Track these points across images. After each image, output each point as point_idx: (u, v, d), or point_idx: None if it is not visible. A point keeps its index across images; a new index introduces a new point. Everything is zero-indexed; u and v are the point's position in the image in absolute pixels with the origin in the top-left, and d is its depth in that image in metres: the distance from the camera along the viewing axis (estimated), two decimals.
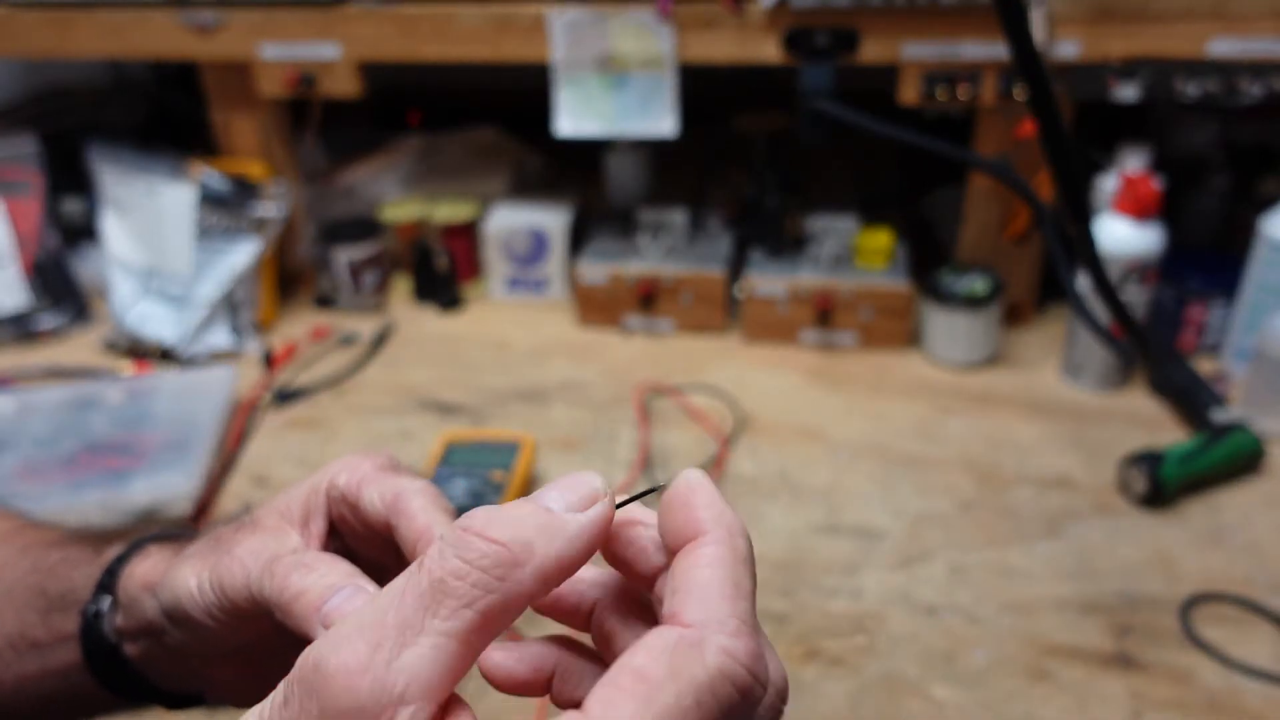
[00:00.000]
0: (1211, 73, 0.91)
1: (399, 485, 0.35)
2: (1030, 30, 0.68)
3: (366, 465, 0.37)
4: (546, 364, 1.10)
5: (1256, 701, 0.66)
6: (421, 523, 0.33)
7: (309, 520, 0.37)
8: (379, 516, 0.35)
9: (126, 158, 1.16)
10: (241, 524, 0.38)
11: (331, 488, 0.37)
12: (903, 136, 0.96)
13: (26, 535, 0.48)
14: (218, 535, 0.38)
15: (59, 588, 0.43)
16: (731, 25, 0.98)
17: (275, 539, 0.36)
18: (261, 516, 0.38)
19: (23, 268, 1.20)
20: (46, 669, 0.43)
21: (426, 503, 0.34)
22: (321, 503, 0.38)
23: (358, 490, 0.36)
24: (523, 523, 0.25)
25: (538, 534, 0.25)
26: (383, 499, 0.35)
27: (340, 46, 1.07)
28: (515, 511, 0.26)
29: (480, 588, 0.24)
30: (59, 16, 1.12)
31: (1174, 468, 0.82)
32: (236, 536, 0.37)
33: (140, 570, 0.40)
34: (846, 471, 0.90)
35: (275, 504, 0.38)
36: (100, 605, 0.40)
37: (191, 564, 0.37)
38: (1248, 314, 0.97)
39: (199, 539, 0.40)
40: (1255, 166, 1.11)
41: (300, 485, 0.39)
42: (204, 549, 0.38)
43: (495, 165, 1.33)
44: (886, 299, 1.06)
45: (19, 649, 0.43)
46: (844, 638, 0.72)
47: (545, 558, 0.25)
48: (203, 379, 1.03)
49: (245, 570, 0.34)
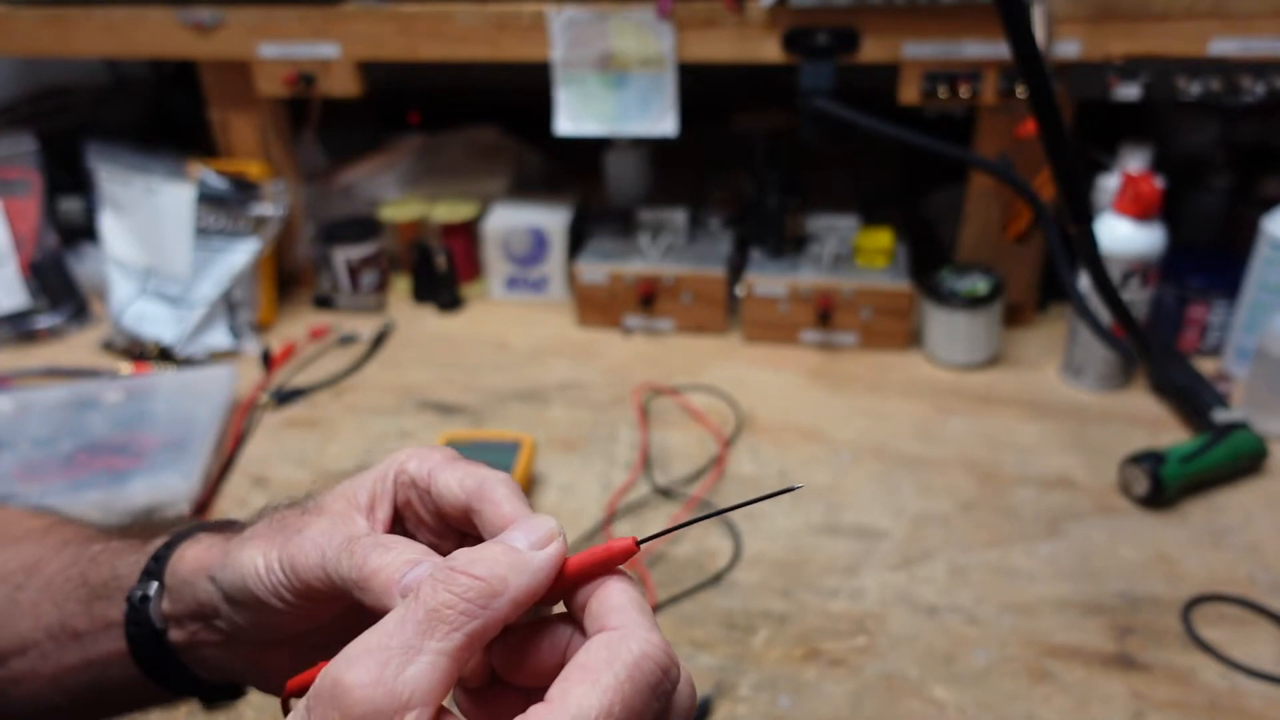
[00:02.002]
0: (1212, 72, 0.90)
1: (482, 474, 0.37)
2: (1031, 29, 0.68)
3: (437, 455, 0.39)
4: (546, 364, 1.09)
5: (1258, 702, 0.66)
6: (507, 510, 0.36)
7: (375, 506, 0.39)
8: (457, 501, 0.37)
9: (125, 157, 1.15)
10: (305, 509, 0.39)
11: (401, 473, 0.39)
12: (903, 136, 0.96)
13: (64, 531, 0.48)
14: (281, 518, 0.39)
15: (101, 576, 0.43)
16: (731, 24, 0.98)
17: (344, 522, 0.38)
18: (327, 502, 0.39)
19: (21, 267, 1.20)
20: (87, 659, 0.43)
21: (509, 492, 0.37)
22: (389, 489, 0.39)
23: (430, 477, 0.38)
24: (498, 561, 0.31)
25: (509, 570, 0.31)
26: (463, 485, 0.37)
27: (339, 46, 1.07)
28: (490, 552, 0.32)
29: (466, 615, 0.30)
30: (58, 15, 1.12)
31: (1175, 468, 0.82)
32: (304, 520, 0.38)
33: (191, 554, 0.41)
34: (847, 472, 0.90)
35: (340, 490, 0.40)
36: (146, 589, 0.41)
37: (256, 545, 0.38)
38: (1249, 314, 0.97)
39: (256, 522, 0.40)
40: (1256, 166, 1.11)
41: (367, 473, 0.40)
42: (267, 531, 0.39)
43: (495, 165, 1.32)
44: (887, 299, 1.05)
45: (59, 640, 0.43)
46: (844, 638, 0.72)
47: (517, 589, 0.31)
48: (201, 379, 1.03)
49: (320, 550, 0.36)
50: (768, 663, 0.70)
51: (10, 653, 0.44)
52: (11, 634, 0.44)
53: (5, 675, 0.44)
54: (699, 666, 0.70)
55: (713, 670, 0.70)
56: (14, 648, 0.44)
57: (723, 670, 0.70)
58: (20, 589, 0.45)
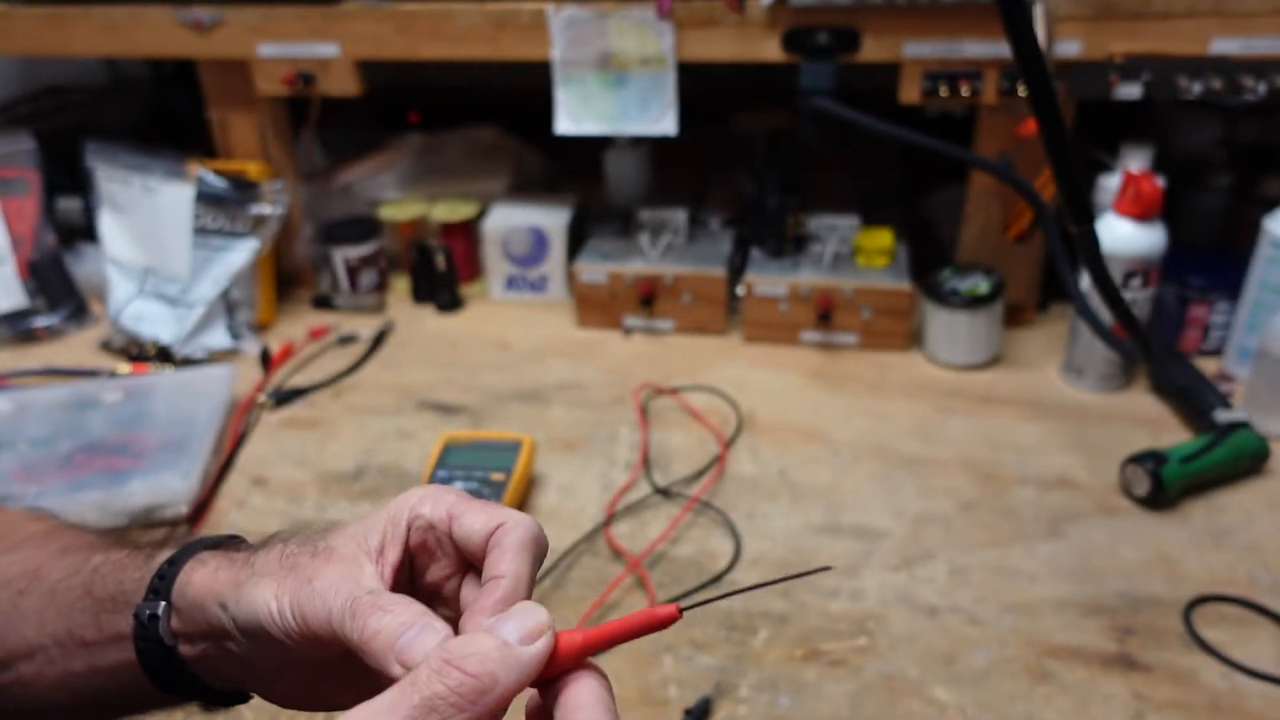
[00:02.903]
0: (1213, 71, 0.90)
1: (501, 516, 0.39)
2: (1032, 28, 0.67)
3: (451, 496, 0.40)
4: (546, 364, 1.09)
5: (1259, 703, 0.66)
6: (505, 562, 0.37)
7: (385, 549, 0.40)
8: (481, 545, 0.39)
9: (124, 157, 1.15)
10: (316, 550, 0.40)
11: (416, 518, 0.40)
12: (903, 135, 0.96)
13: (63, 537, 0.48)
14: (292, 558, 0.40)
15: (107, 589, 0.44)
16: (732, 23, 0.98)
17: (352, 569, 0.38)
18: (338, 546, 0.40)
19: (19, 267, 1.20)
20: (95, 667, 0.44)
21: (520, 541, 0.38)
22: (401, 534, 0.40)
23: (450, 520, 0.40)
24: (488, 657, 0.33)
25: (499, 667, 0.33)
26: (486, 527, 0.39)
27: (338, 45, 1.07)
28: (483, 646, 0.33)
29: (456, 708, 0.32)
30: (56, 14, 1.12)
31: (1176, 468, 0.82)
32: (314, 565, 0.39)
33: (198, 577, 0.41)
34: (847, 472, 0.90)
35: (350, 531, 0.40)
36: (155, 609, 0.42)
37: (269, 586, 0.38)
38: (1251, 313, 0.97)
39: (266, 552, 0.41)
40: (1257, 165, 1.11)
41: (377, 515, 0.41)
42: (279, 571, 0.39)
43: (495, 165, 1.32)
44: (887, 299, 1.05)
45: (66, 647, 0.44)
46: (845, 639, 0.72)
47: (505, 686, 0.33)
48: (200, 379, 1.03)
49: (327, 606, 0.37)
50: (768, 663, 0.70)
51: (16, 657, 0.44)
52: (17, 638, 0.44)
53: (11, 678, 0.44)
54: (699, 667, 0.70)
55: (713, 670, 0.70)
56: (19, 652, 0.44)
57: (723, 671, 0.70)
58: (23, 595, 0.45)
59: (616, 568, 0.79)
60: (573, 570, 0.79)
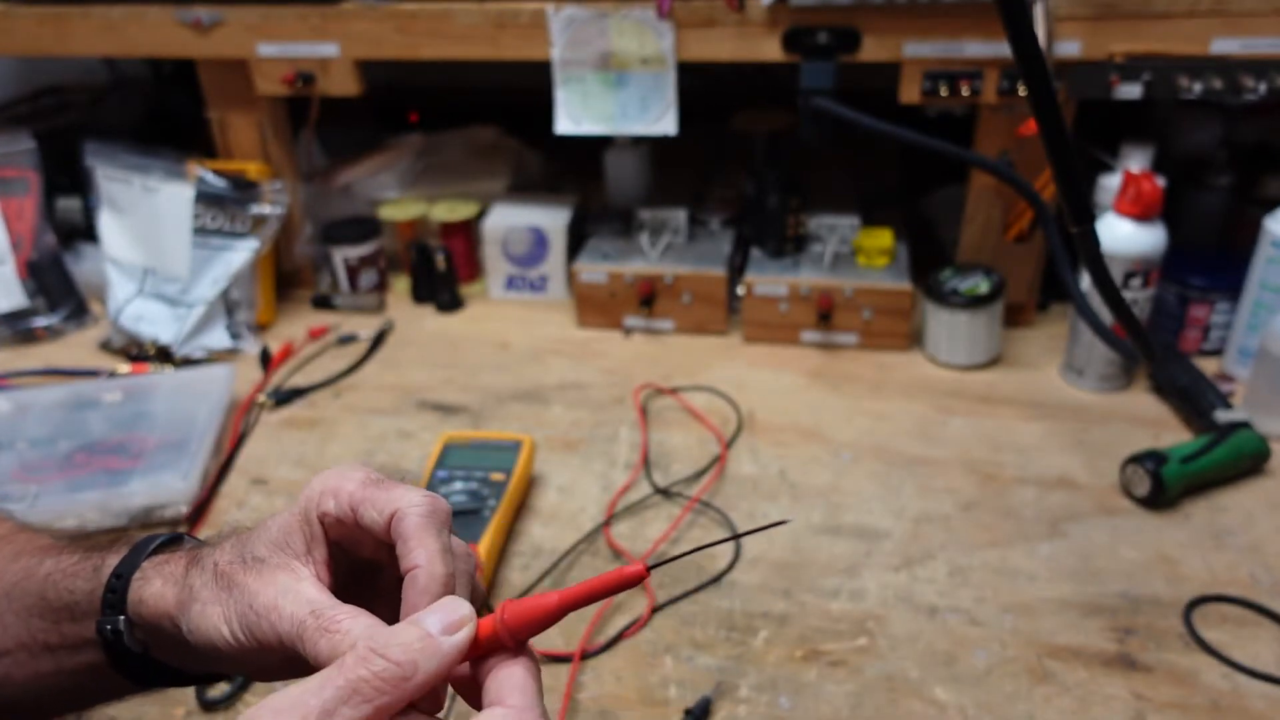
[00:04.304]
0: (1214, 71, 0.90)
1: (393, 502, 0.39)
2: (1032, 28, 0.67)
3: (350, 486, 0.40)
4: (546, 364, 1.09)
5: (1260, 703, 0.66)
6: (414, 551, 0.38)
7: (310, 549, 0.40)
8: (383, 533, 0.39)
9: (123, 156, 1.15)
10: (245, 562, 0.40)
11: (324, 515, 0.40)
12: (903, 135, 0.96)
13: (18, 540, 0.48)
14: (225, 576, 0.40)
15: (61, 599, 0.44)
16: (732, 23, 0.98)
17: (289, 580, 0.39)
18: (266, 556, 0.40)
19: (19, 267, 1.19)
20: (63, 668, 0.44)
21: (416, 525, 0.38)
22: (318, 531, 0.40)
23: (354, 513, 0.40)
24: (411, 647, 0.35)
25: (420, 656, 0.35)
26: (383, 518, 0.39)
27: (338, 45, 1.07)
28: (407, 636, 0.35)
29: (378, 691, 0.34)
30: (56, 14, 1.11)
31: (1177, 468, 0.82)
32: (248, 581, 0.39)
33: (149, 596, 0.42)
34: (847, 472, 0.90)
35: (270, 538, 0.40)
36: (115, 623, 0.42)
37: (215, 612, 0.39)
38: (1251, 313, 0.97)
39: (199, 571, 0.41)
40: (1258, 165, 1.11)
41: (289, 516, 0.41)
42: (215, 590, 0.40)
43: (495, 165, 1.32)
44: (887, 299, 1.05)
45: (32, 650, 0.44)
46: (845, 639, 0.72)
47: (426, 673, 0.35)
48: (200, 379, 1.03)
49: (276, 630, 0.38)
50: (768, 663, 0.70)
51: None
52: None
53: None
54: (699, 667, 0.70)
55: (713, 671, 0.70)
56: None
57: (723, 671, 0.69)
58: None
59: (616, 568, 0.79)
60: (573, 570, 0.79)
